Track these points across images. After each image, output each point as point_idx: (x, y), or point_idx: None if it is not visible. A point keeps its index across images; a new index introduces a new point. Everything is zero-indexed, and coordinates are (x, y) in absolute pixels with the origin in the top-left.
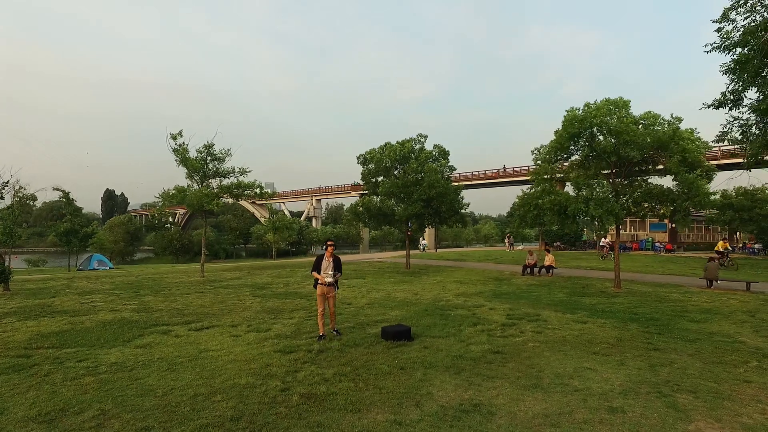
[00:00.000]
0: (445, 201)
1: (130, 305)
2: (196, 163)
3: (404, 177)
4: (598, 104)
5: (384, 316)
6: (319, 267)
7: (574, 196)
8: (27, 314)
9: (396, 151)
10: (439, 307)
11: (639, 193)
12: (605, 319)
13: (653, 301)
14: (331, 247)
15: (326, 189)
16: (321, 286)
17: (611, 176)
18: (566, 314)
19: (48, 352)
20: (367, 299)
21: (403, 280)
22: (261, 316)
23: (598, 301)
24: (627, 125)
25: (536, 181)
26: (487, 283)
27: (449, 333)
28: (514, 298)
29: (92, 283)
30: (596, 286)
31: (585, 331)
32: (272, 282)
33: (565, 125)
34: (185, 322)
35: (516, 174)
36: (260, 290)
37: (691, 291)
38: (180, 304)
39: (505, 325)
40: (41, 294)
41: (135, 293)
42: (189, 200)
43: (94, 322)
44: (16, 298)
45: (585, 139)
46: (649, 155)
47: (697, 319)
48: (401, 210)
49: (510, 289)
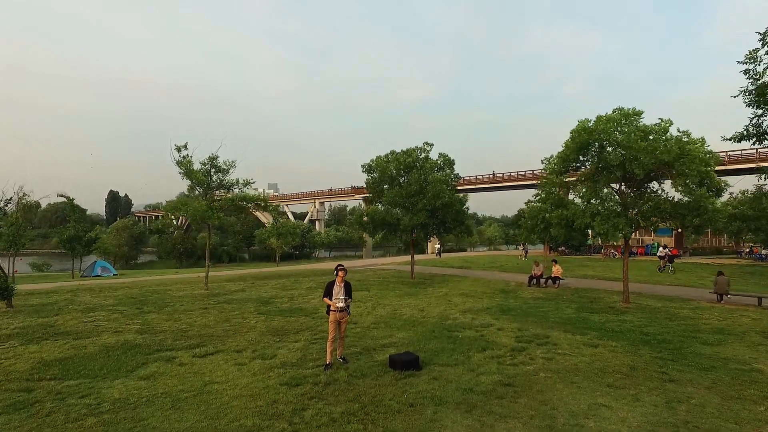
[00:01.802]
0: (450, 211)
1: (133, 325)
2: (201, 176)
3: (408, 186)
4: (609, 115)
5: (391, 339)
6: (331, 293)
7: (581, 210)
8: (30, 336)
9: (400, 160)
10: (447, 327)
11: (648, 207)
12: (616, 342)
13: (663, 319)
14: (342, 272)
15: (329, 192)
16: (334, 312)
17: (619, 188)
18: (576, 335)
19: (50, 385)
20: (373, 317)
21: (408, 292)
22: (266, 339)
23: (608, 318)
24: (635, 141)
25: (545, 194)
26: (493, 296)
27: (458, 360)
28: (522, 315)
29: (95, 296)
30: (604, 300)
31: (596, 357)
32: (276, 295)
33: (573, 136)
34: (189, 346)
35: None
36: (264, 306)
37: (702, 307)
38: (184, 324)
39: (515, 349)
40: (44, 311)
41: (138, 310)
42: (192, 213)
43: (97, 346)
44: (19, 315)
45: (593, 151)
46: (657, 169)
47: (710, 341)
48: (406, 220)
49: (517, 303)
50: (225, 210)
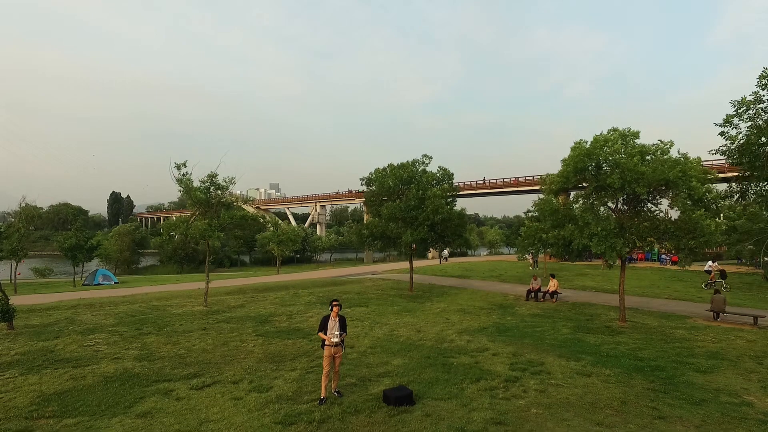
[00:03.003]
0: (449, 226)
1: (132, 350)
2: (201, 194)
3: (408, 201)
4: (606, 136)
5: (386, 367)
6: (326, 327)
7: (578, 230)
8: (30, 364)
9: (398, 174)
10: (443, 351)
11: (645, 227)
12: (609, 369)
13: (659, 341)
14: (336, 307)
15: (331, 195)
16: (328, 347)
17: (616, 207)
18: (570, 361)
19: (49, 424)
20: (369, 339)
21: (406, 308)
22: (263, 367)
23: (603, 340)
24: (636, 164)
25: (541, 212)
26: (491, 312)
27: (451, 393)
28: (518, 336)
29: (96, 314)
30: (601, 317)
31: (589, 389)
32: (275, 313)
33: (571, 158)
34: (187, 376)
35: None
36: (263, 325)
37: (698, 326)
38: (182, 348)
39: (508, 380)
40: (44, 333)
41: (138, 331)
42: (192, 232)
43: (96, 376)
44: (20, 339)
45: (591, 172)
46: (657, 188)
47: (703, 368)
48: (406, 235)
49: (514, 321)
50: (225, 229)
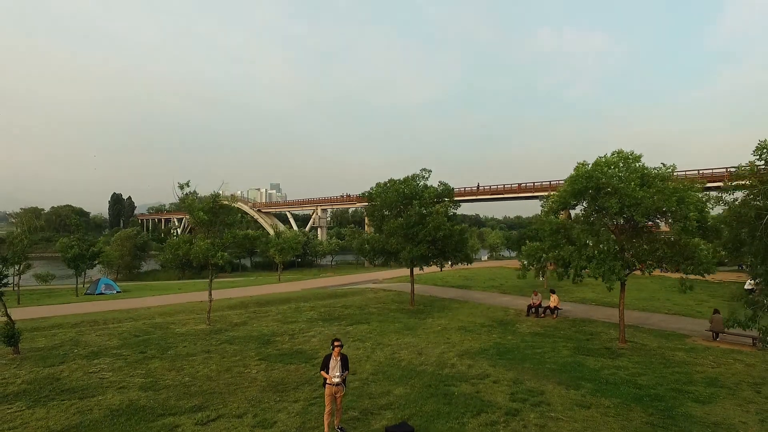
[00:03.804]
0: (450, 242)
1: (137, 377)
2: (203, 216)
3: (409, 218)
4: (608, 158)
5: (388, 398)
6: (327, 366)
7: (576, 252)
8: (36, 395)
9: (400, 190)
10: (444, 378)
11: (644, 250)
12: (609, 399)
13: (658, 364)
14: (338, 348)
15: (331, 199)
16: (329, 386)
17: (615, 229)
18: (570, 390)
19: None
20: (371, 363)
21: (407, 325)
22: (266, 398)
23: (603, 364)
24: (633, 189)
25: (541, 232)
26: (491, 330)
27: (452, 429)
28: (519, 358)
29: (100, 333)
30: (601, 336)
31: (588, 424)
32: (277, 332)
33: (571, 181)
34: (192, 409)
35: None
36: (265, 347)
37: (697, 347)
38: (187, 376)
39: (509, 413)
40: (50, 358)
41: (142, 354)
42: (194, 253)
43: (102, 408)
44: (25, 365)
45: (590, 196)
46: (655, 214)
47: (702, 398)
48: (407, 252)
49: (515, 341)
50: (227, 248)
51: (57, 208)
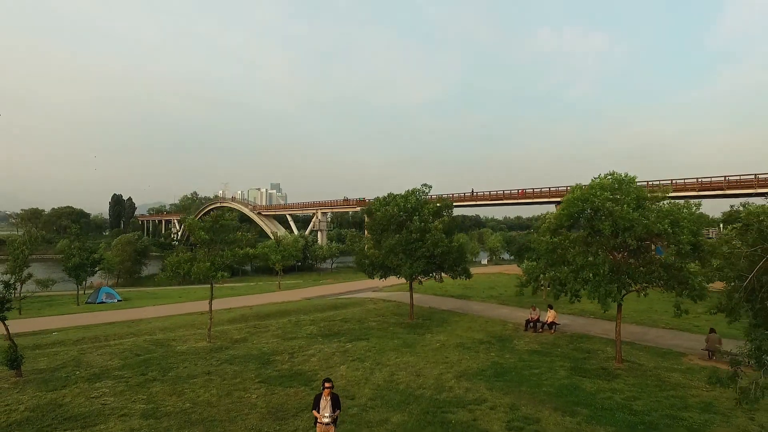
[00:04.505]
0: (448, 258)
1: (138, 402)
2: (204, 235)
3: (408, 234)
4: (603, 181)
5: (386, 426)
6: (318, 405)
7: (572, 274)
8: (39, 424)
9: (401, 205)
10: (441, 404)
11: (640, 272)
12: (604, 427)
13: (653, 387)
14: (328, 389)
15: (331, 203)
16: (320, 425)
17: (612, 251)
18: (566, 417)
19: None
20: (370, 387)
21: (406, 342)
22: (266, 426)
23: (599, 387)
24: (627, 212)
25: (537, 252)
26: (490, 347)
27: None
28: (516, 381)
29: (101, 352)
30: (598, 355)
31: None
32: (277, 349)
33: (567, 204)
34: None
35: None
36: (265, 367)
37: (693, 367)
38: (187, 402)
39: None
40: (52, 381)
41: (143, 376)
42: (195, 272)
43: None
44: (28, 388)
45: (586, 217)
46: (649, 237)
47: (695, 426)
48: (406, 268)
49: (512, 360)
50: (227, 268)
51: (57, 210)
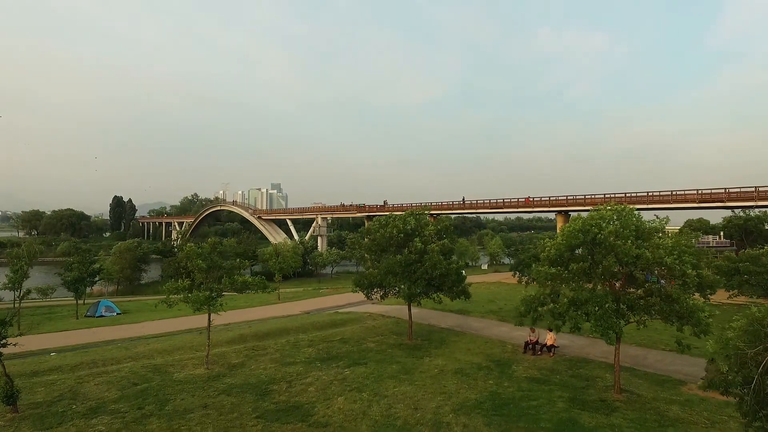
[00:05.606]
0: (447, 281)
1: None
2: (202, 263)
3: (407, 256)
4: (602, 213)
5: None
6: None
7: (573, 308)
8: None
9: (400, 227)
10: None
11: (640, 305)
12: None
13: (653, 422)
14: None
15: (332, 208)
16: None
17: (611, 284)
18: None
19: None
20: (367, 424)
21: (405, 368)
22: None
23: (598, 422)
24: (630, 248)
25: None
26: (488, 374)
27: None
28: (514, 415)
29: (98, 381)
30: (597, 384)
31: None
32: (275, 377)
33: (567, 236)
34: None
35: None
36: (262, 399)
37: (692, 398)
38: None
39: None
40: (49, 417)
41: (140, 411)
42: (193, 301)
43: None
44: (24, 427)
45: (586, 249)
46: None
47: None
48: (404, 289)
49: (511, 389)
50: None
51: (58, 212)
